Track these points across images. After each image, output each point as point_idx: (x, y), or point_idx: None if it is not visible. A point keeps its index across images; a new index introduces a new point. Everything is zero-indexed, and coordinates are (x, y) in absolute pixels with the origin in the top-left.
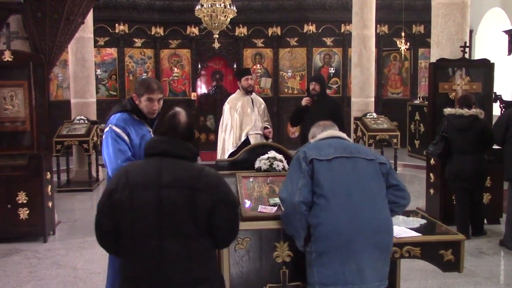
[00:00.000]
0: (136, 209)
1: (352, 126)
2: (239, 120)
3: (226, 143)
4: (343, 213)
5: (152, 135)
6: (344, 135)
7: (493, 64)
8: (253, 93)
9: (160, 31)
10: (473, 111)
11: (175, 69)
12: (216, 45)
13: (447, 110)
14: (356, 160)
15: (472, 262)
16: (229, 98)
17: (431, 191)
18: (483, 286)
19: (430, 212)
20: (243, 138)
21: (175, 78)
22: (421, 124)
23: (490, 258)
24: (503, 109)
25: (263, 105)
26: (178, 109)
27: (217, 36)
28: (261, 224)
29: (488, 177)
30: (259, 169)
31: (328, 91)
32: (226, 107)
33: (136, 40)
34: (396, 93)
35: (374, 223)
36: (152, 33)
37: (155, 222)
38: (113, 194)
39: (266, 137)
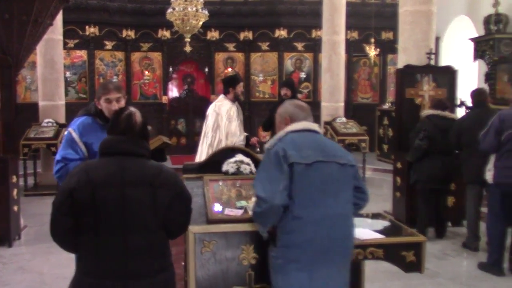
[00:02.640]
0: (100, 206)
1: (322, 131)
2: (228, 131)
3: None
4: (316, 223)
5: None
6: (318, 128)
7: (456, 70)
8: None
9: (132, 34)
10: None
11: (146, 72)
12: (188, 48)
13: (429, 111)
14: (331, 166)
15: (436, 263)
16: (216, 106)
17: (397, 194)
18: (446, 287)
19: (396, 215)
20: None
21: (146, 81)
22: (390, 129)
23: (453, 259)
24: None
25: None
26: (132, 109)
27: (189, 39)
28: (228, 227)
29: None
30: (226, 173)
31: (299, 96)
32: (214, 115)
33: (106, 42)
34: (366, 98)
35: (344, 232)
36: (123, 35)
37: (119, 218)
38: (73, 193)
39: (254, 146)
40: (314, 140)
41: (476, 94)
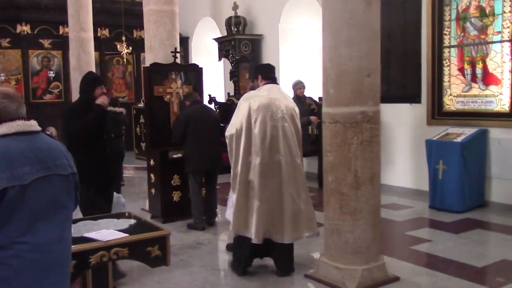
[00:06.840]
0: None
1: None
2: None
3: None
4: (28, 253)
5: None
6: (36, 125)
7: (201, 68)
8: None
9: None
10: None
11: None
12: None
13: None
14: (52, 180)
15: (190, 253)
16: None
17: (153, 190)
18: (198, 274)
19: (153, 210)
20: None
21: None
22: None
23: (205, 247)
24: (217, 110)
25: None
26: None
27: None
28: None
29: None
30: None
31: (49, 96)
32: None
33: None
34: (122, 96)
35: (64, 257)
36: None
37: None
38: None
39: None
40: (31, 146)
41: (190, 95)
